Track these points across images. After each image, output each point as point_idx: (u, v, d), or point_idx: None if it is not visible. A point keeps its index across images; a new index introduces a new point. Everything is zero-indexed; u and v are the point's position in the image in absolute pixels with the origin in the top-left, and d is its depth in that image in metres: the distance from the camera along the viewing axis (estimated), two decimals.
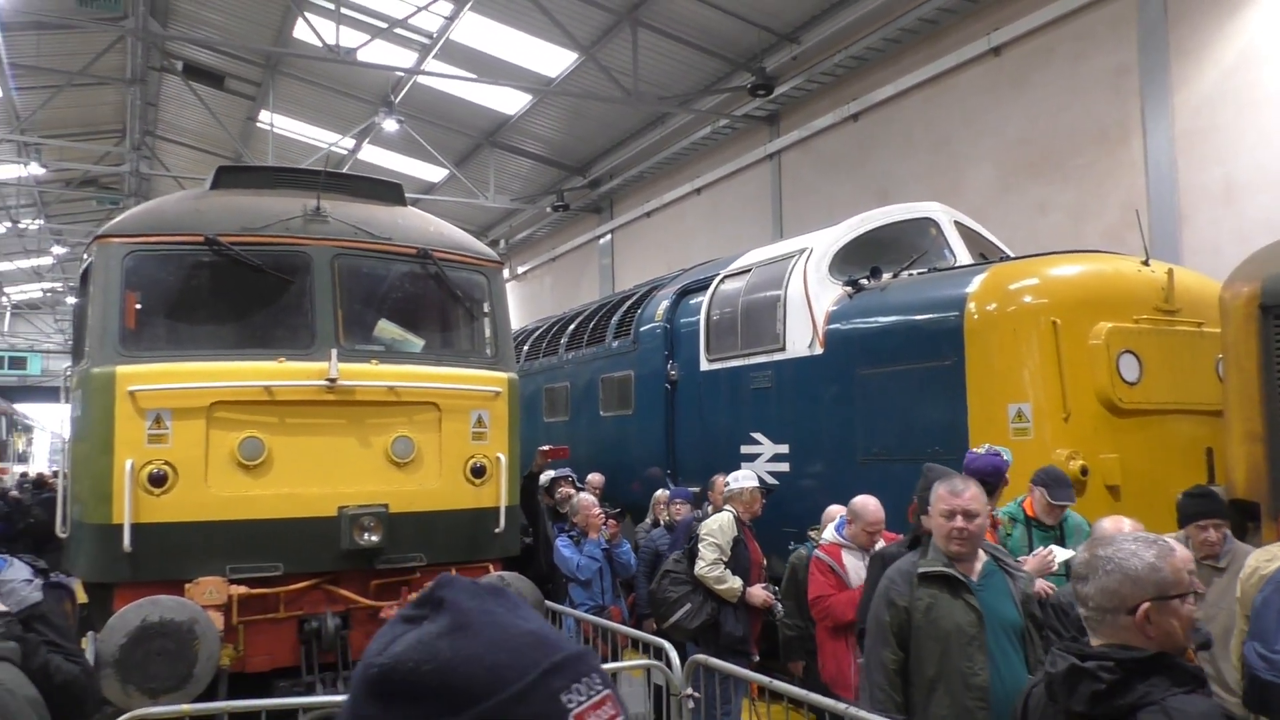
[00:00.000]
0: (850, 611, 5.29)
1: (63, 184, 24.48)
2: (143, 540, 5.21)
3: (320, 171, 6.58)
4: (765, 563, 6.40)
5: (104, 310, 5.64)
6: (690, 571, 6.01)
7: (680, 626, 5.94)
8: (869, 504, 5.57)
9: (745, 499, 6.22)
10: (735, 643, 5.94)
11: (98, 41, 16.93)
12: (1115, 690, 2.06)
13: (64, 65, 17.95)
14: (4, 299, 35.96)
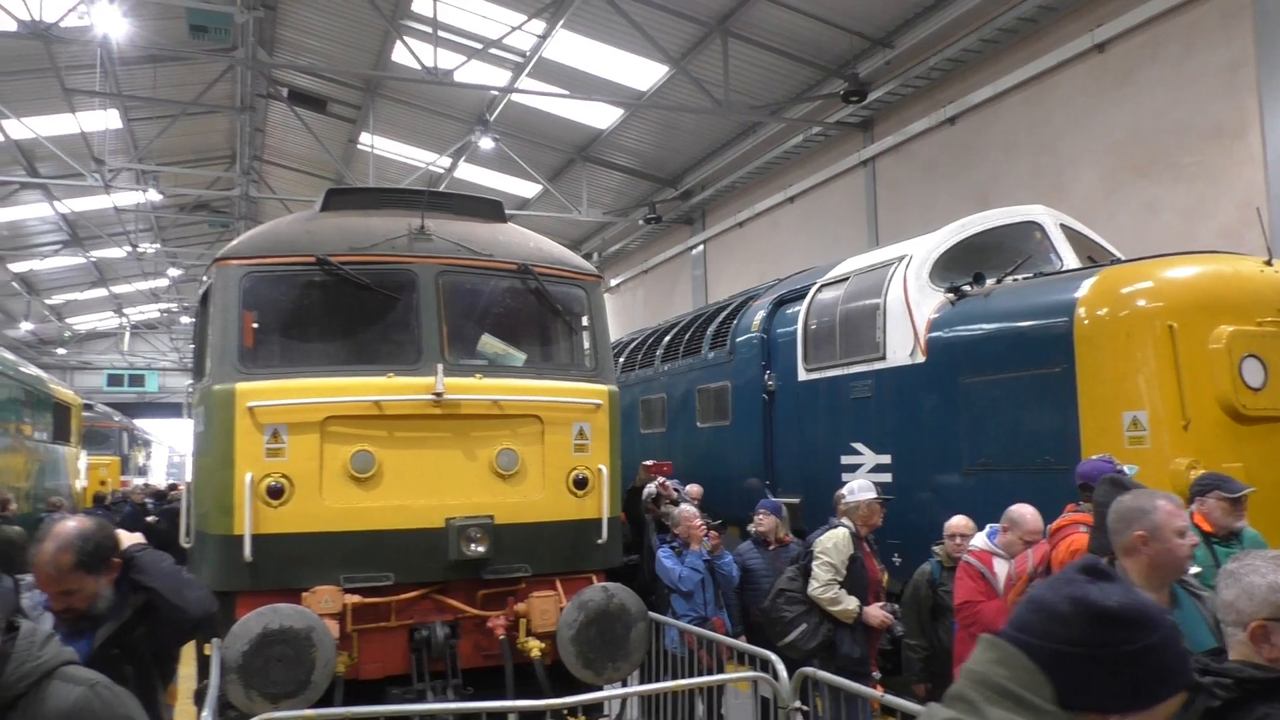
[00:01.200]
0: (1001, 620, 5.11)
1: (177, 209, 25.62)
2: (262, 550, 5.40)
3: (424, 191, 6.75)
4: (885, 580, 6.22)
5: (223, 329, 5.87)
6: (805, 590, 5.89)
7: (797, 647, 5.82)
8: (1026, 512, 5.32)
9: (863, 512, 6.04)
10: (852, 664, 5.77)
11: (209, 72, 17.71)
12: (1231, 709, 1.98)
13: (178, 96, 18.82)
14: (124, 320, 37.77)
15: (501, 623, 5.69)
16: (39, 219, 25.97)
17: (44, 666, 2.22)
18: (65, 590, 3.12)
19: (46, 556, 3.09)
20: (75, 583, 3.12)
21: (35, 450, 13.51)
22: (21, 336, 34.71)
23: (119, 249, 27.30)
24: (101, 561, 3.19)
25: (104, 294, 34.81)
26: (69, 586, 3.12)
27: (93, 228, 26.48)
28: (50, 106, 18.21)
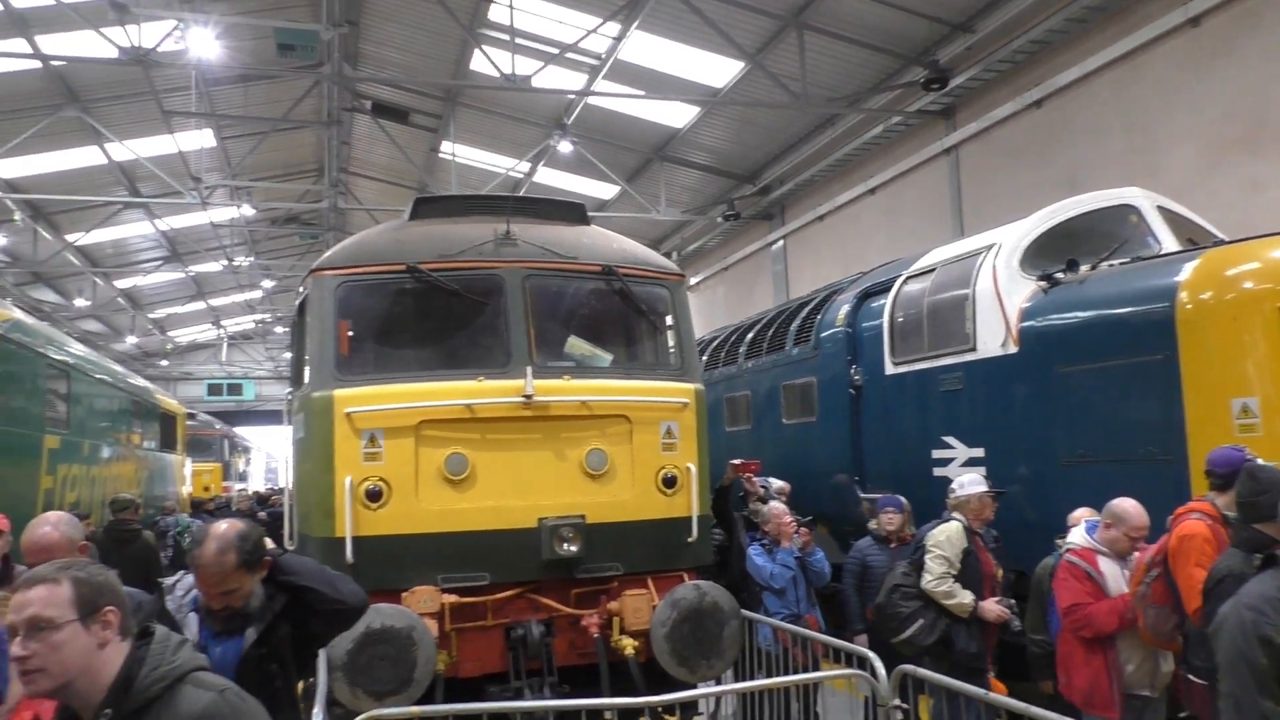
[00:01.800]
0: (1114, 622, 4.95)
1: (269, 222, 26.46)
2: (362, 552, 5.55)
3: (508, 197, 6.86)
4: (1000, 574, 6.05)
5: (320, 338, 6.06)
6: (920, 585, 5.79)
7: (913, 643, 5.73)
8: (1130, 507, 5.12)
9: (974, 506, 5.92)
10: (969, 660, 5.65)
11: (295, 89, 18.25)
12: None
13: (267, 113, 19.44)
14: (222, 331, 39.15)
15: (595, 621, 5.75)
16: (141, 236, 27.09)
17: (176, 671, 2.27)
18: (227, 590, 3.22)
19: (210, 557, 3.19)
20: (236, 581, 3.23)
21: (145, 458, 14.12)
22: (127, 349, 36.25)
23: (216, 263, 28.32)
24: (258, 560, 3.31)
25: (202, 307, 36.15)
26: (231, 586, 3.22)
27: (191, 243, 27.52)
28: (150, 129, 18.98)
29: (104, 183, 21.89)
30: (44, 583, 2.20)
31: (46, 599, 2.18)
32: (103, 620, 2.22)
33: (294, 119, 18.87)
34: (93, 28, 12.97)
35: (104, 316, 33.46)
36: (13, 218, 21.68)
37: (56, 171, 20.38)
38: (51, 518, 3.42)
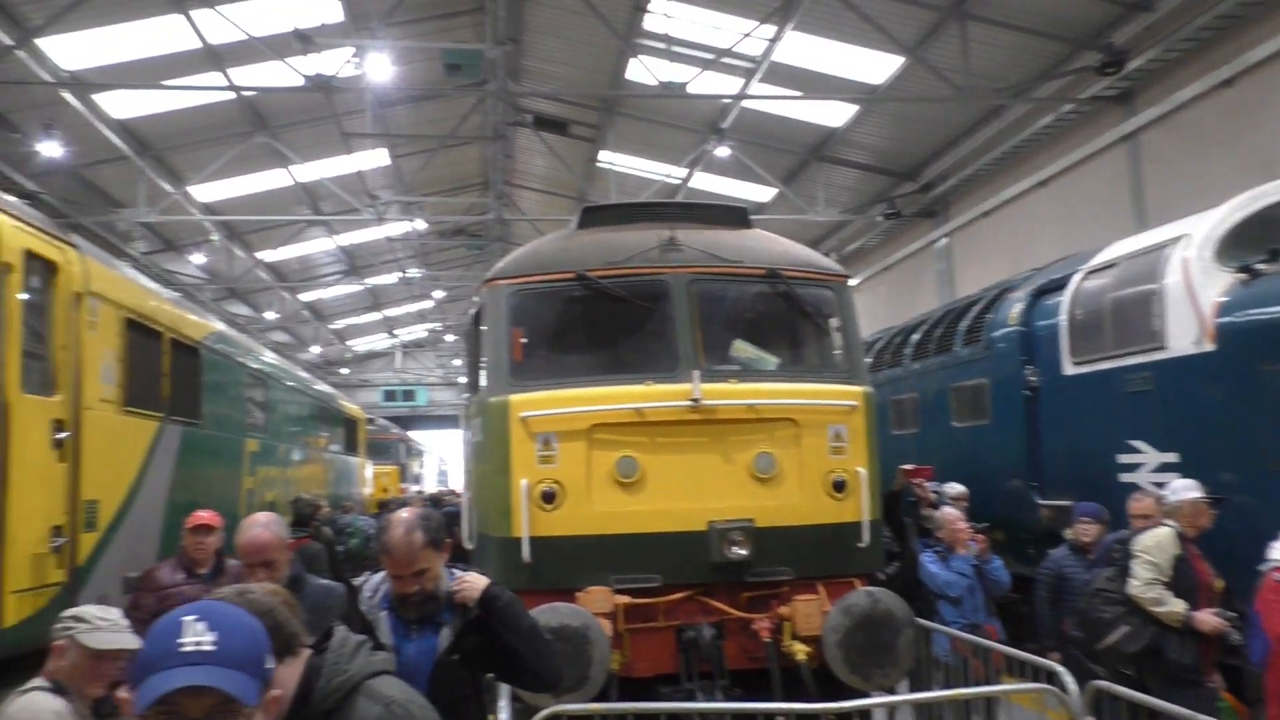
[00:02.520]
0: None
1: (438, 235, 27.62)
2: (538, 552, 5.73)
3: (672, 203, 6.94)
4: (1220, 585, 5.62)
5: (495, 345, 6.30)
6: (1125, 590, 5.49)
7: (1115, 650, 5.45)
8: None
9: (1187, 512, 5.57)
10: (1182, 671, 5.30)
11: (461, 106, 19.00)
12: None
13: (435, 130, 20.31)
14: (396, 340, 41.14)
15: (766, 625, 5.73)
16: (323, 252, 28.79)
17: (351, 680, 2.25)
18: (418, 570, 3.28)
19: (399, 537, 3.26)
20: (426, 560, 3.29)
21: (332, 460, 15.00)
22: (311, 358, 38.55)
23: (390, 275, 29.78)
24: (442, 541, 3.40)
25: (378, 317, 38.09)
26: (421, 565, 3.28)
27: (367, 257, 29.06)
28: (330, 151, 20.17)
29: (289, 203, 23.39)
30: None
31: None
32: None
33: (460, 135, 19.63)
34: (279, 58, 13.88)
35: (291, 328, 35.71)
36: (211, 238, 23.46)
37: (248, 194, 21.92)
38: (262, 519, 3.65)
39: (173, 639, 1.58)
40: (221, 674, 1.56)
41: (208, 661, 1.56)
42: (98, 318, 6.16)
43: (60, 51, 14.41)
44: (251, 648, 1.64)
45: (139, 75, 15.42)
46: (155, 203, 18.83)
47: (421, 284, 31.05)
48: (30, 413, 5.22)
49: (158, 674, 1.54)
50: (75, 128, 16.39)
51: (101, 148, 17.60)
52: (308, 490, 12.53)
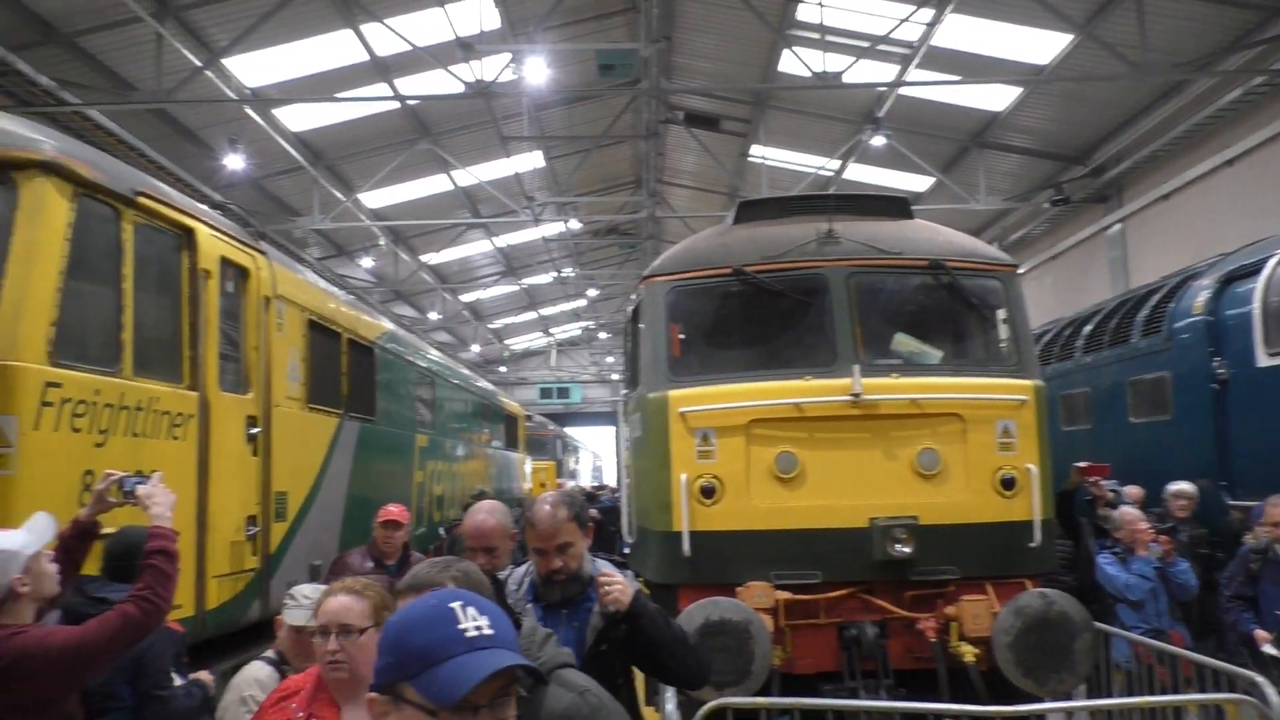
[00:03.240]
0: None
1: (591, 234, 28.11)
2: (699, 546, 5.76)
3: (830, 195, 6.85)
4: None
5: (653, 341, 6.37)
6: None
7: None
8: None
9: None
10: None
11: (614, 106, 19.27)
12: None
13: (588, 131, 20.67)
14: (551, 338, 42.14)
15: (932, 625, 5.59)
16: (481, 254, 29.77)
17: (544, 668, 2.24)
18: (563, 544, 3.27)
19: (545, 513, 3.28)
20: (571, 535, 3.29)
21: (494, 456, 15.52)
22: (471, 358, 39.92)
23: (545, 275, 30.51)
24: (585, 520, 3.42)
25: (534, 316, 39.10)
26: (566, 539, 3.27)
27: (524, 258, 29.86)
28: (488, 155, 20.82)
29: (450, 207, 24.28)
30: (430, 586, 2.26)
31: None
32: None
33: (613, 135, 19.91)
34: (441, 66, 14.43)
35: (452, 328, 37.09)
36: (378, 243, 24.62)
37: (412, 199, 22.89)
38: (486, 506, 3.81)
39: (451, 625, 1.51)
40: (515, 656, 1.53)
41: (494, 645, 1.52)
42: (284, 320, 6.59)
43: (243, 70, 15.42)
44: (511, 629, 1.60)
45: (312, 89, 16.34)
46: (328, 210, 19.90)
47: (575, 283, 31.67)
48: (227, 410, 5.62)
49: (455, 660, 1.48)
50: (256, 141, 17.52)
51: (279, 159, 18.74)
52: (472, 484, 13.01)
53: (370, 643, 2.57)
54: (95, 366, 4.47)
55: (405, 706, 1.48)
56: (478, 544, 3.81)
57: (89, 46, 14.03)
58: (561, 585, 3.34)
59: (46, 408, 4.07)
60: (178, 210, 5.31)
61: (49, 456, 4.08)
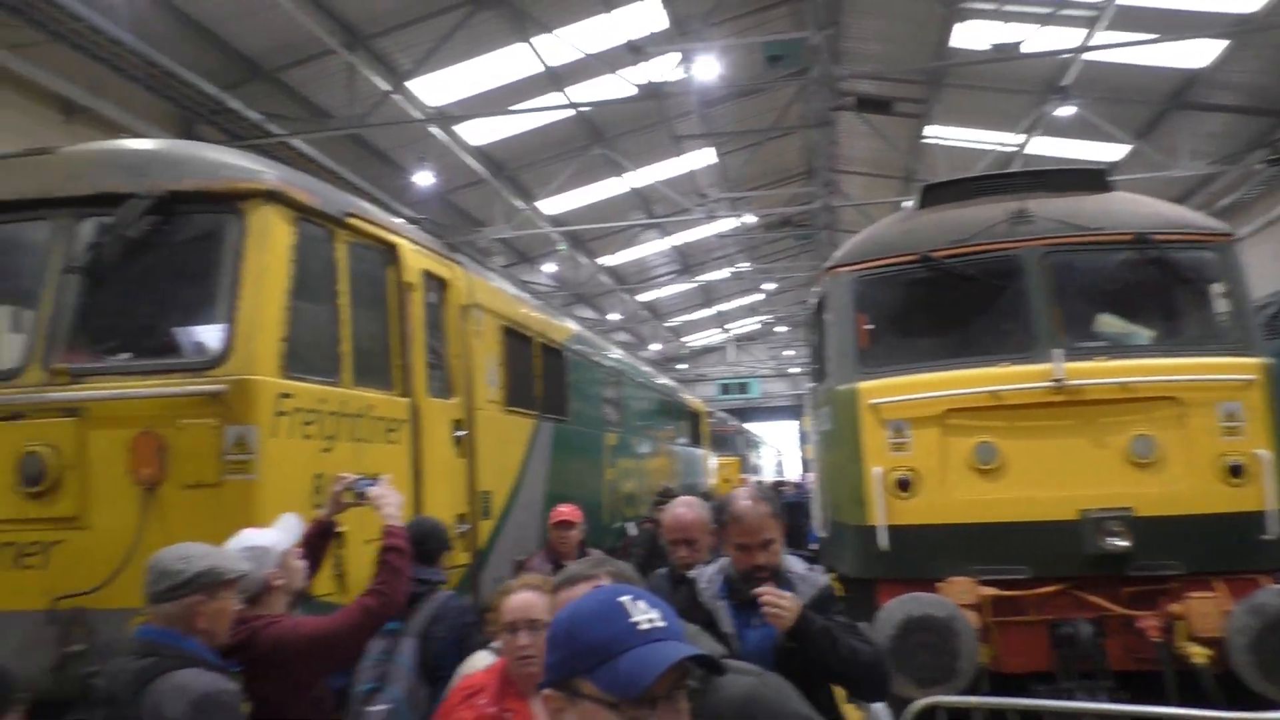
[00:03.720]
0: None
1: (764, 228, 27.97)
2: (896, 540, 5.65)
3: (1020, 173, 6.57)
4: None
5: (840, 333, 6.30)
6: None
7: None
8: None
9: None
10: None
11: (783, 97, 19.10)
12: None
13: (757, 124, 20.56)
14: (728, 333, 42.20)
15: (1154, 624, 5.27)
16: (657, 253, 30.16)
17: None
18: (765, 540, 3.23)
19: (747, 508, 3.23)
20: (772, 530, 3.24)
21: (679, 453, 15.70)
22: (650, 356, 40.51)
23: (721, 271, 30.58)
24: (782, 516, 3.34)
25: (710, 313, 39.28)
26: (769, 535, 3.23)
27: (698, 255, 30.05)
28: (660, 155, 21.08)
29: (625, 208, 24.71)
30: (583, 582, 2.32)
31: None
32: None
33: (782, 126, 19.74)
34: (612, 71, 14.72)
35: (631, 327, 37.74)
36: (559, 248, 25.34)
37: (588, 204, 23.45)
38: (685, 499, 3.88)
39: (624, 618, 1.52)
40: (690, 647, 1.52)
41: (667, 637, 1.52)
42: (481, 326, 6.90)
43: (427, 91, 16.22)
44: (678, 622, 1.60)
45: (490, 104, 17.00)
46: (509, 219, 20.66)
47: (751, 277, 31.59)
48: (435, 414, 5.95)
49: (633, 652, 1.48)
50: (441, 158, 18.39)
51: (463, 173, 19.59)
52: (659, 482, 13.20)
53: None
54: (320, 378, 4.82)
55: (583, 701, 1.48)
56: (678, 536, 3.87)
57: (289, 80, 15.13)
58: (762, 582, 3.21)
59: (281, 417, 4.43)
60: (382, 228, 5.66)
61: (284, 462, 4.44)
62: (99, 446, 4.27)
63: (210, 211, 4.64)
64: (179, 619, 2.87)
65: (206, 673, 2.79)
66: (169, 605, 2.87)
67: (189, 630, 2.87)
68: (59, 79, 12.22)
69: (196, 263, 4.74)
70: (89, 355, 4.60)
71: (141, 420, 4.25)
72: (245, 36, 13.79)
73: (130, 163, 4.76)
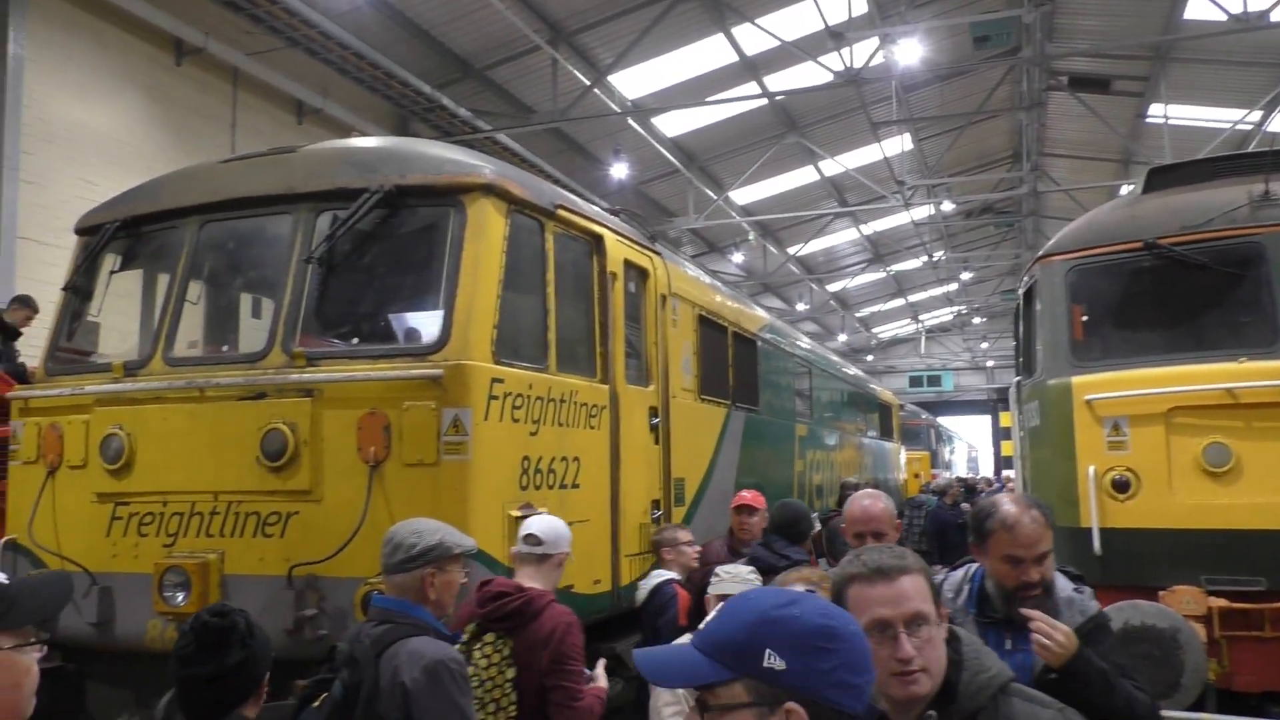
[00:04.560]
0: None
1: (963, 215, 26.90)
2: (1111, 544, 5.34)
3: (1266, 152, 6.02)
4: None
5: (1052, 324, 5.99)
6: None
7: None
8: None
9: None
10: None
11: (989, 79, 18.27)
12: None
13: (960, 108, 19.78)
14: (920, 325, 40.90)
15: None
16: (847, 243, 29.60)
17: (998, 680, 2.01)
18: (1041, 554, 2.81)
19: (1021, 514, 2.83)
20: (1049, 542, 2.84)
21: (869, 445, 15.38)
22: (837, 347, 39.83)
23: (914, 260, 29.65)
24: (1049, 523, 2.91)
25: (902, 303, 38.17)
26: (1045, 547, 2.82)
27: (891, 244, 29.25)
28: (855, 142, 20.64)
29: (816, 197, 24.37)
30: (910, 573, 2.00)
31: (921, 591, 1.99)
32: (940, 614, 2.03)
33: (989, 109, 18.92)
34: (811, 58, 14.52)
35: (819, 318, 37.21)
36: (748, 238, 25.29)
37: (779, 194, 23.26)
38: (872, 491, 3.83)
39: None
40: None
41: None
42: (678, 315, 6.99)
43: (625, 84, 16.54)
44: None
45: (686, 95, 17.14)
46: (701, 209, 20.77)
47: (947, 266, 30.47)
48: (633, 401, 6.08)
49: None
50: (636, 149, 18.71)
51: (657, 164, 19.87)
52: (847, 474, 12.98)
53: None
54: (528, 364, 5.02)
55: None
56: (865, 529, 3.66)
57: (496, 77, 15.79)
58: (1031, 601, 2.77)
59: (493, 401, 4.64)
60: (588, 219, 5.82)
61: (495, 444, 4.65)
62: (331, 425, 4.57)
63: (432, 204, 4.91)
64: (411, 589, 3.07)
65: (437, 641, 2.98)
66: (402, 576, 3.07)
67: (420, 600, 3.07)
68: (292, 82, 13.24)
69: (418, 253, 5.03)
70: (322, 340, 4.98)
71: (368, 401, 4.53)
72: (458, 37, 14.50)
73: (363, 160, 5.10)
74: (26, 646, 1.79)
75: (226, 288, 5.72)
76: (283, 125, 13.45)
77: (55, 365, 5.53)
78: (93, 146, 11.13)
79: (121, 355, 5.35)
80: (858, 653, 1.41)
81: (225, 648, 2.55)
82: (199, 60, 12.23)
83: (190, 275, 5.29)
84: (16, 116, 10.16)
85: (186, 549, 4.70)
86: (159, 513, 4.82)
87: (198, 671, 2.53)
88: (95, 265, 5.62)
